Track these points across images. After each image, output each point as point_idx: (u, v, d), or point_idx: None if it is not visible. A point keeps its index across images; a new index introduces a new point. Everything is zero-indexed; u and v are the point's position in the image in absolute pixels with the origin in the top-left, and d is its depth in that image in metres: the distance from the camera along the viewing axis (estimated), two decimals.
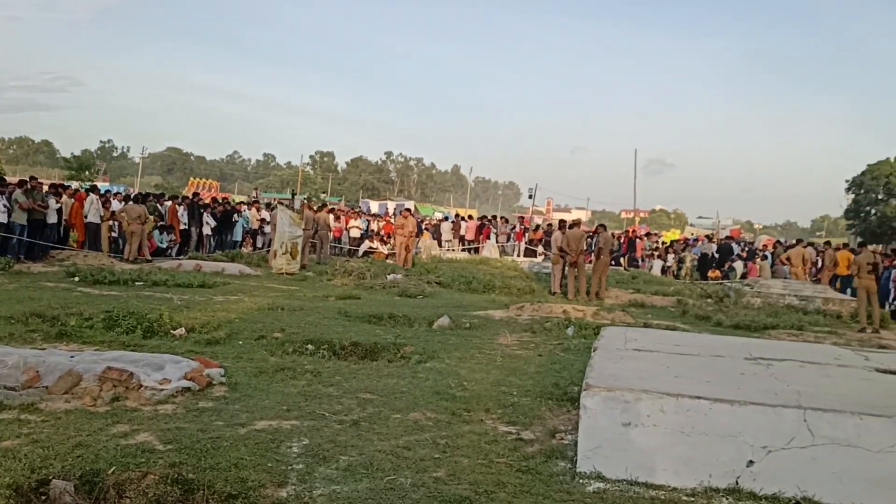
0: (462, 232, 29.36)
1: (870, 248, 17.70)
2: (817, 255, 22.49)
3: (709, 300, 17.13)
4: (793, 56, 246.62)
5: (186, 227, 20.43)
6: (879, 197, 62.60)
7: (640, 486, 4.47)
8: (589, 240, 20.25)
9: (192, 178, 74.65)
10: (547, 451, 5.03)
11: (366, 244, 25.78)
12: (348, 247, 26.71)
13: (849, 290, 19.16)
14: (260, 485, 4.15)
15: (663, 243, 32.34)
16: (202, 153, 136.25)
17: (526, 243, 28.65)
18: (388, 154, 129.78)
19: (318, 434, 5.11)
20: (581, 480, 4.52)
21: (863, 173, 63.77)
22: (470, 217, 33.80)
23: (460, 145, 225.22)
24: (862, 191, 63.78)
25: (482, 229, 29.01)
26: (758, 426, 4.42)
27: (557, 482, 4.50)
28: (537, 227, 31.37)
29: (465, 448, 5.01)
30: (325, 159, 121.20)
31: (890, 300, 20.19)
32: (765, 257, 24.52)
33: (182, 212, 20.31)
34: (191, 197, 23.14)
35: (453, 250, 27.45)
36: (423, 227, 28.24)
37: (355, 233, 27.63)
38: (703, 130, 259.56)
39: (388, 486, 4.25)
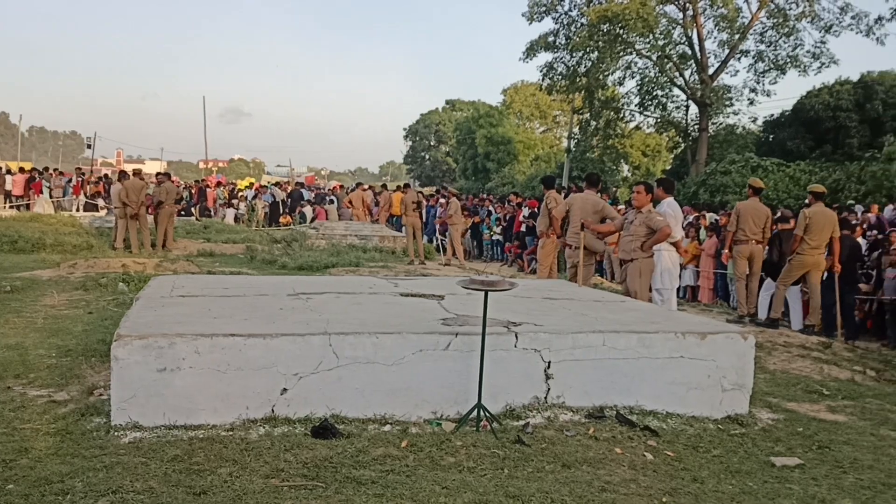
0: (8, 187, 26.10)
1: (415, 189, 19.72)
2: (375, 197, 24.40)
3: (278, 245, 17.64)
4: (357, 8, 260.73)
5: None
6: (431, 143, 69.89)
7: (179, 430, 4.48)
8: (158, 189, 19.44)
9: None
10: (82, 410, 4.80)
11: None
12: None
13: (403, 228, 21.14)
14: None
15: (238, 191, 32.36)
16: None
17: (87, 197, 26.49)
18: None
19: None
20: (116, 433, 4.39)
21: (417, 122, 70.44)
22: (21, 170, 30.07)
23: (8, 90, 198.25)
24: (417, 138, 70.52)
25: (32, 183, 26.09)
26: (289, 355, 4.69)
27: (90, 439, 4.32)
28: (98, 179, 29.11)
29: None
30: None
31: (437, 234, 22.81)
32: (331, 201, 25.88)
33: None
34: None
35: None
36: None
37: None
38: (279, 80, 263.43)
39: None
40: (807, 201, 10.46)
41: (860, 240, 11.31)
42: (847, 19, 28.87)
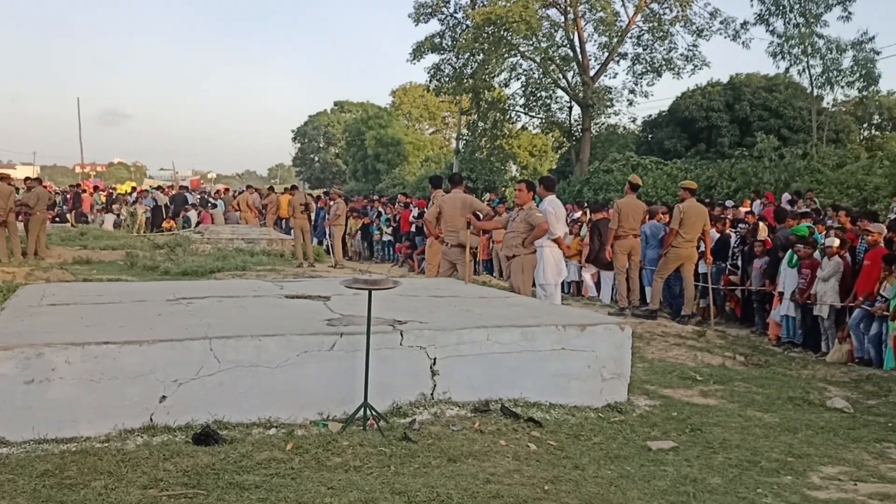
0: None
1: (304, 191, 19.49)
2: (262, 200, 23.93)
3: (161, 250, 17.07)
4: (241, 7, 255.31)
5: None
6: (321, 145, 69.20)
7: (50, 443, 4.29)
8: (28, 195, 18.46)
9: None
10: None
11: None
12: None
13: (291, 231, 20.85)
14: None
15: (118, 196, 31.15)
16: None
17: None
18: None
19: None
20: None
21: (305, 124, 69.56)
22: None
23: None
24: (306, 139, 69.66)
25: None
26: (168, 362, 4.55)
27: None
28: None
29: None
30: None
31: (327, 236, 22.60)
32: (214, 206, 25.26)
33: None
34: None
35: None
36: None
37: None
38: (161, 81, 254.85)
39: None
40: (680, 197, 10.95)
41: (729, 231, 11.91)
42: (716, 24, 30.48)
